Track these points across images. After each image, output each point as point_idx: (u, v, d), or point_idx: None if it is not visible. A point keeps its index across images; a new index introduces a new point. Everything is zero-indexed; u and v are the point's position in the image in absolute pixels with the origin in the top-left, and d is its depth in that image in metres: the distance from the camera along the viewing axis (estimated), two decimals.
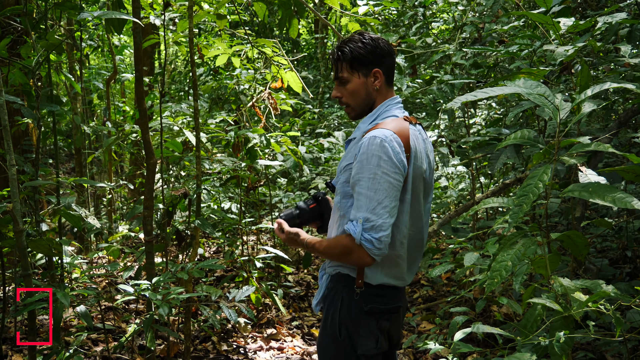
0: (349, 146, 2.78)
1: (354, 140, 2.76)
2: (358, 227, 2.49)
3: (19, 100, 3.86)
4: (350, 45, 2.71)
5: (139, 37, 4.32)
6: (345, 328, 2.69)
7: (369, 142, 2.52)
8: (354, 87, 2.72)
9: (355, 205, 2.54)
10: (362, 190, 2.50)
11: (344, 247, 2.56)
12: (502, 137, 4.13)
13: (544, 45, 3.67)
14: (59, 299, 3.55)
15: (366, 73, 2.71)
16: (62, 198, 4.19)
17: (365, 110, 2.77)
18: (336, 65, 2.75)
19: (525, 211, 2.18)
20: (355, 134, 2.75)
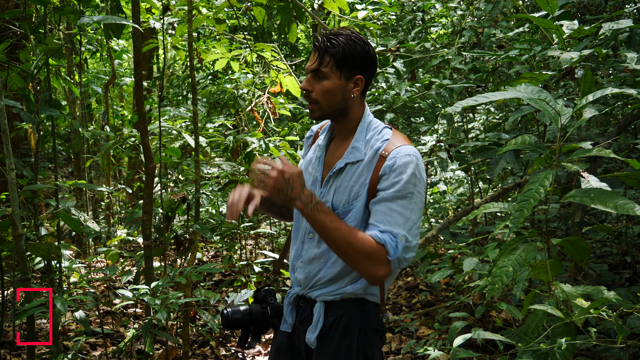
0: (356, 168, 2.44)
1: (362, 163, 2.44)
2: (400, 245, 2.27)
3: (18, 104, 3.85)
4: (341, 40, 2.39)
5: (139, 41, 4.31)
6: (363, 354, 2.49)
7: (404, 159, 2.32)
8: (331, 86, 2.40)
9: (385, 219, 2.30)
10: (396, 207, 2.30)
11: (371, 252, 2.25)
12: (501, 142, 4.12)
13: (545, 50, 3.67)
14: (57, 305, 3.54)
15: (349, 76, 2.42)
16: (62, 202, 4.18)
17: (334, 115, 2.49)
18: (320, 56, 2.41)
19: (526, 216, 2.17)
20: (355, 155, 2.45)
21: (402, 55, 6.07)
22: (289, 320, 2.62)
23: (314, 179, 2.59)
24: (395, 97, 6.09)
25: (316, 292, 2.52)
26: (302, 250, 2.59)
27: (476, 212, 2.75)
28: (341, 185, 2.45)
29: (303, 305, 2.60)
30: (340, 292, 2.47)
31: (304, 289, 2.56)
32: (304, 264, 2.55)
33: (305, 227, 2.57)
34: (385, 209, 2.31)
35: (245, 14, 10.57)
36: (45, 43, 4.09)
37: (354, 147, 2.46)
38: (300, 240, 2.60)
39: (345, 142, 2.53)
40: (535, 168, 2.69)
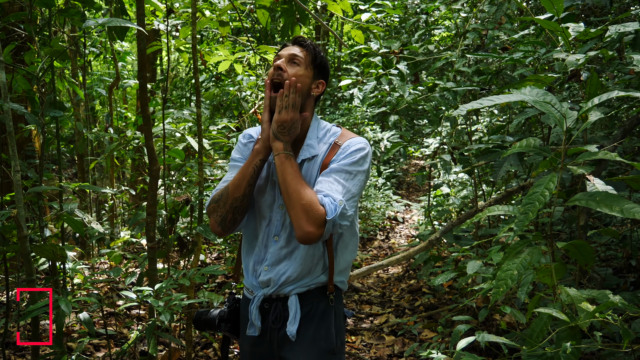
0: (312, 164, 2.61)
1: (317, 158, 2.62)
2: (339, 208, 2.38)
3: (22, 107, 3.85)
4: (317, 46, 2.69)
5: (143, 44, 4.31)
6: (340, 338, 2.68)
7: (357, 145, 2.54)
8: (302, 76, 2.60)
9: (328, 187, 2.44)
10: (340, 179, 2.47)
11: (312, 207, 2.37)
12: (505, 145, 4.11)
13: (550, 52, 3.66)
14: (61, 307, 3.53)
15: (316, 76, 2.66)
16: (65, 204, 4.18)
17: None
18: (300, 48, 2.65)
19: (531, 219, 2.16)
20: (310, 151, 2.62)
21: (405, 57, 6.06)
22: (257, 324, 2.66)
23: (271, 183, 2.66)
24: (399, 99, 6.09)
25: (288, 287, 2.61)
26: (265, 254, 2.65)
27: (481, 214, 2.75)
28: (306, 175, 2.59)
29: (270, 306, 2.66)
30: (314, 283, 2.61)
31: (273, 288, 2.62)
32: (271, 266, 2.62)
33: (268, 231, 2.64)
34: (330, 179, 2.47)
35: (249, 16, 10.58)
36: (50, 45, 4.10)
37: (308, 145, 2.63)
38: (263, 245, 2.66)
39: (298, 143, 2.65)
40: (539, 171, 2.68)
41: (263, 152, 2.59)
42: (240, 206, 2.64)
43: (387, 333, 5.89)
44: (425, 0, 6.90)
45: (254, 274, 2.68)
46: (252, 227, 2.73)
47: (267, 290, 2.63)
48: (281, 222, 2.60)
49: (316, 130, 2.66)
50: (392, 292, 7.22)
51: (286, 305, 2.62)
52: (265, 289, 2.64)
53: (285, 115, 2.49)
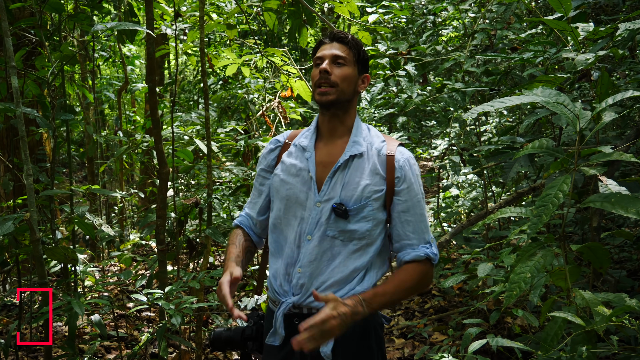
0: (362, 163, 2.51)
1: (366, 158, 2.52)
2: (435, 249, 2.48)
3: (34, 111, 3.85)
4: (357, 39, 2.59)
5: (152, 47, 4.30)
6: (380, 352, 2.57)
7: (410, 162, 2.51)
8: (350, 73, 2.53)
9: (416, 229, 2.49)
10: (420, 212, 2.50)
11: (426, 273, 2.48)
12: (516, 146, 4.08)
13: (560, 52, 3.63)
14: (74, 309, 3.53)
15: (361, 72, 2.60)
16: (76, 207, 4.18)
17: (342, 105, 2.55)
18: (343, 46, 2.54)
19: (545, 221, 2.13)
20: (357, 148, 2.53)
21: (413, 58, 6.04)
22: (281, 332, 2.51)
23: (305, 180, 2.55)
24: (407, 100, 6.06)
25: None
26: (297, 255, 2.52)
27: (492, 216, 2.72)
28: (349, 181, 2.48)
29: (302, 320, 2.38)
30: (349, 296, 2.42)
31: (305, 295, 2.48)
32: (305, 267, 2.49)
33: (301, 230, 2.53)
34: (414, 219, 2.48)
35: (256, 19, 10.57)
36: (60, 50, 4.09)
37: (355, 141, 2.55)
38: (295, 244, 2.54)
39: (340, 139, 2.59)
40: (551, 172, 2.66)
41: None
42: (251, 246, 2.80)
43: (397, 336, 5.86)
44: (432, 1, 6.88)
45: (287, 277, 2.54)
46: (279, 227, 2.63)
47: (298, 299, 2.49)
48: (316, 220, 2.49)
49: (360, 128, 2.60)
50: None
51: None
52: (297, 295, 2.50)
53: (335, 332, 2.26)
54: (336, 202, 2.46)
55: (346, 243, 2.47)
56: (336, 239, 2.47)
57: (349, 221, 2.45)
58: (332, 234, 2.47)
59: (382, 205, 2.49)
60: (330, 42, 2.56)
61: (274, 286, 2.60)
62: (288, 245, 2.57)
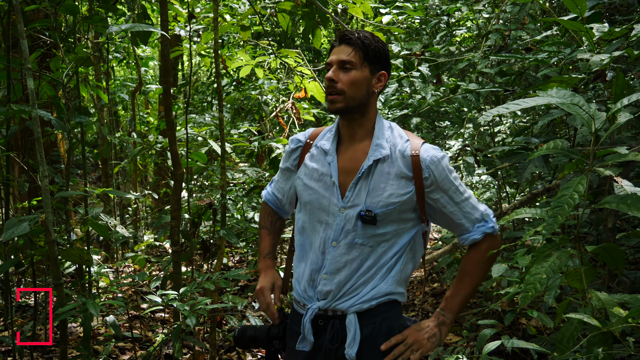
0: (387, 168, 2.46)
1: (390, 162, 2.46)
2: (490, 219, 2.54)
3: (49, 113, 3.88)
4: (367, 36, 2.47)
5: (167, 49, 4.32)
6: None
7: (436, 159, 2.45)
8: (358, 78, 2.44)
9: (465, 214, 2.51)
10: (461, 197, 2.51)
11: (488, 249, 2.56)
12: (530, 147, 4.06)
13: (574, 52, 3.61)
14: (89, 310, 3.55)
15: (374, 71, 2.49)
16: (90, 208, 4.20)
17: (354, 109, 2.49)
18: (348, 48, 2.45)
19: (560, 223, 2.12)
20: (381, 151, 2.47)
21: (427, 59, 6.04)
22: (310, 338, 2.52)
23: (327, 186, 2.54)
24: (421, 101, 6.05)
25: (347, 302, 2.48)
26: (323, 261, 2.53)
27: (507, 217, 2.72)
28: (375, 187, 2.45)
29: (327, 324, 2.52)
30: (375, 298, 2.47)
31: (332, 301, 2.50)
32: (330, 275, 2.50)
33: (325, 237, 2.52)
34: (457, 208, 2.50)
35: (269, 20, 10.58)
36: (74, 52, 4.12)
37: (377, 145, 2.49)
38: (320, 250, 2.54)
39: (361, 142, 2.55)
40: (565, 173, 2.64)
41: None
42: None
43: None
44: (446, 2, 6.87)
45: (311, 283, 2.56)
46: (305, 232, 2.64)
47: (324, 304, 2.51)
48: (341, 226, 2.48)
49: (382, 129, 2.53)
50: (416, 295, 7.18)
51: (344, 324, 2.49)
52: (322, 301, 2.52)
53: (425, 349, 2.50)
54: (363, 209, 2.43)
55: (375, 247, 2.47)
56: (365, 246, 2.46)
57: (378, 226, 2.44)
58: (361, 242, 2.46)
59: (412, 207, 2.48)
60: (338, 44, 2.50)
61: (298, 290, 2.63)
62: (313, 250, 2.57)
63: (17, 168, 6.45)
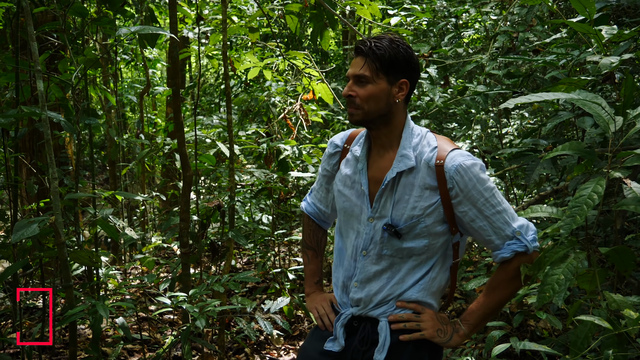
0: (412, 179, 2.40)
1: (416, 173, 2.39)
2: (525, 238, 2.35)
3: (58, 115, 3.90)
4: (385, 44, 2.35)
5: (176, 51, 4.34)
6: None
7: (461, 168, 2.31)
8: (376, 91, 2.36)
9: (494, 231, 2.35)
10: (493, 211, 2.34)
11: (517, 270, 2.37)
12: (539, 148, 4.06)
13: (583, 54, 3.61)
14: (99, 311, 3.57)
15: (393, 81, 2.37)
16: (99, 210, 4.22)
17: (374, 121, 2.42)
18: (361, 60, 2.37)
19: (579, 223, 2.12)
20: (406, 162, 2.39)
21: (435, 60, 6.04)
22: (341, 342, 2.52)
23: (359, 194, 2.51)
24: (429, 103, 6.06)
25: (379, 309, 2.48)
26: (354, 269, 2.53)
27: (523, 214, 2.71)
28: (400, 199, 2.40)
29: (359, 325, 2.53)
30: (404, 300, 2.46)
31: (363, 309, 2.50)
32: (361, 283, 2.50)
33: (356, 244, 2.51)
34: (486, 222, 2.35)
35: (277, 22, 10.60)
36: (83, 54, 4.14)
37: (403, 155, 2.40)
38: (352, 258, 2.54)
39: (389, 152, 2.48)
40: (574, 175, 2.65)
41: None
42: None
43: None
44: (454, 4, 6.87)
45: (345, 289, 2.58)
46: (341, 237, 2.65)
47: (357, 311, 2.52)
48: (370, 236, 2.46)
49: (410, 138, 2.44)
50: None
51: (375, 328, 2.48)
52: (354, 308, 2.53)
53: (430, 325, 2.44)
54: (387, 222, 2.40)
55: (405, 260, 2.44)
56: (394, 257, 2.44)
57: (403, 240, 2.40)
58: (390, 253, 2.43)
59: (441, 219, 2.38)
60: (355, 56, 2.42)
61: (336, 295, 2.65)
62: (347, 257, 2.58)
63: (25, 170, 6.47)
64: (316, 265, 2.92)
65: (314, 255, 2.93)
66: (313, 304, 2.74)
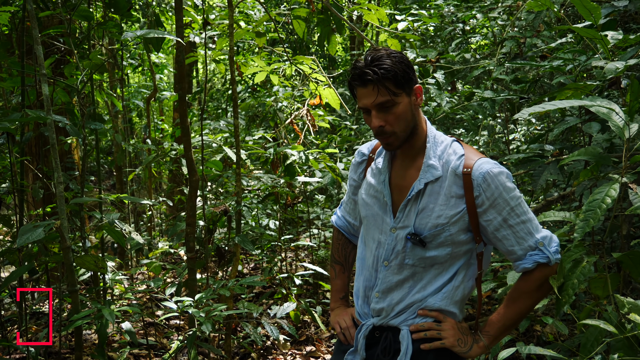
0: (438, 188, 2.39)
1: (442, 182, 2.39)
2: (548, 249, 2.32)
3: (64, 119, 3.92)
4: (387, 62, 2.29)
5: (182, 55, 4.36)
6: None
7: (489, 176, 2.31)
8: (402, 110, 2.33)
9: (518, 240, 2.33)
10: (518, 221, 2.32)
11: (538, 279, 2.35)
12: (545, 154, 4.07)
13: (589, 60, 3.62)
14: (105, 316, 3.58)
15: (409, 91, 2.34)
16: (106, 214, 4.24)
17: (409, 137, 2.41)
18: (376, 87, 2.29)
19: (592, 226, 2.13)
20: (433, 172, 2.38)
21: (442, 66, 6.05)
22: (362, 354, 2.53)
23: (381, 204, 2.52)
24: (437, 108, 6.07)
25: (400, 317, 2.48)
26: (375, 279, 2.53)
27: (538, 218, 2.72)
28: (425, 207, 2.39)
29: (381, 335, 2.53)
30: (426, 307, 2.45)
31: (384, 319, 2.51)
32: (382, 294, 2.50)
33: (378, 255, 2.52)
34: (510, 232, 2.34)
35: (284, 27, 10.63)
36: (89, 58, 4.17)
37: (430, 165, 2.40)
38: (373, 268, 2.54)
39: (414, 161, 2.47)
40: (580, 180, 2.65)
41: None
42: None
43: None
44: (461, 9, 6.88)
45: (365, 300, 2.59)
46: (362, 246, 2.66)
47: (377, 321, 2.52)
48: (392, 246, 2.46)
49: (434, 146, 2.43)
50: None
51: (397, 337, 2.47)
52: (376, 318, 2.53)
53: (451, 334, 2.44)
54: (410, 231, 2.40)
55: (427, 269, 2.43)
56: (417, 267, 2.43)
57: (427, 248, 2.39)
58: (412, 262, 2.43)
59: (465, 228, 2.38)
60: (362, 85, 2.32)
61: (357, 306, 2.65)
62: (367, 267, 2.58)
63: (30, 175, 6.51)
64: (343, 281, 2.92)
65: (341, 270, 2.93)
66: (336, 319, 2.76)
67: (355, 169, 2.75)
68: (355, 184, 2.75)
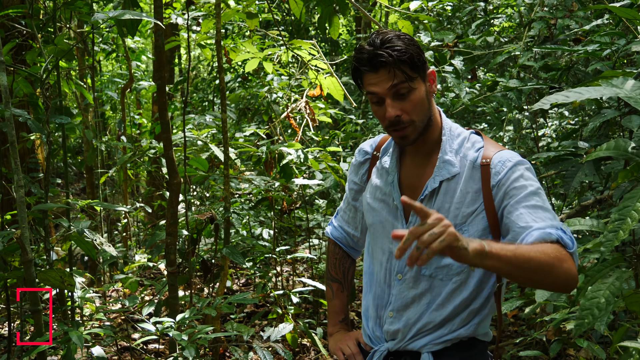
0: (454, 186, 2.37)
1: (459, 178, 2.37)
2: (568, 237, 2.12)
3: (25, 113, 3.91)
4: (399, 43, 2.25)
5: (161, 40, 4.35)
6: None
7: (508, 164, 2.28)
8: (419, 96, 2.32)
9: (534, 218, 2.16)
10: (536, 204, 2.19)
11: (562, 258, 2.05)
12: (579, 152, 4.07)
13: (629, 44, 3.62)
14: (72, 340, 3.58)
15: (424, 75, 2.33)
16: (74, 223, 4.23)
17: (425, 128, 2.38)
18: (391, 70, 2.25)
19: (622, 238, 2.10)
20: (449, 169, 2.37)
21: (461, 51, 6.05)
22: None
23: (391, 208, 2.50)
24: (455, 100, 6.07)
25: (420, 341, 2.43)
26: (388, 296, 2.50)
27: None
28: (440, 208, 2.36)
29: (397, 358, 2.49)
30: (451, 338, 2.41)
31: (401, 342, 2.46)
32: (397, 312, 2.47)
33: (390, 267, 2.50)
34: (527, 211, 2.20)
35: (280, 7, 10.63)
36: (54, 43, 4.16)
37: (445, 161, 2.39)
38: (385, 283, 2.52)
39: (427, 157, 2.46)
40: (619, 182, 2.63)
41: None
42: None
43: None
44: None
45: (377, 321, 2.55)
46: (368, 259, 2.63)
47: (393, 345, 2.48)
48: (405, 255, 2.31)
49: (451, 140, 2.43)
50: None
51: None
52: (390, 342, 2.49)
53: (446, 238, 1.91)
54: None
55: (446, 282, 2.39)
56: (435, 279, 2.40)
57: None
58: (429, 273, 2.40)
59: (483, 228, 2.33)
60: (374, 70, 2.29)
61: (366, 328, 2.63)
62: (377, 282, 2.56)
63: None
64: (341, 301, 2.89)
65: (339, 288, 2.89)
66: (337, 345, 2.72)
67: (356, 170, 2.73)
68: (357, 187, 2.73)
